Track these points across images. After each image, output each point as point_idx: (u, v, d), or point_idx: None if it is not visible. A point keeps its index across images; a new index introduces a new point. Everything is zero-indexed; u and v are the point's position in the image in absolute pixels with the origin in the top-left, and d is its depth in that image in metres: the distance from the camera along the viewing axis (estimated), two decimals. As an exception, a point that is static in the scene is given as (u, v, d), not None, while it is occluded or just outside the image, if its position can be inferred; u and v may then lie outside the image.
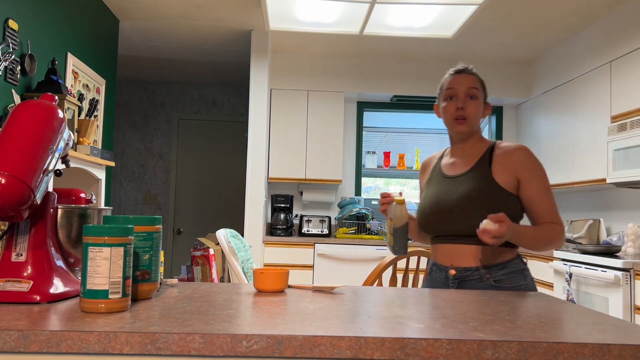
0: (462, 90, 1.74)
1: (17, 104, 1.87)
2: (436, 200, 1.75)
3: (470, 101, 1.74)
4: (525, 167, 1.69)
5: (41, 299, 1.09)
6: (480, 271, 1.66)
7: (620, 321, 1.10)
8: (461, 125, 1.74)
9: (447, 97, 1.77)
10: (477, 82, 1.77)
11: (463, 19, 4.01)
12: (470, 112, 1.73)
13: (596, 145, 3.96)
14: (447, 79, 1.80)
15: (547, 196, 1.69)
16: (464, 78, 1.76)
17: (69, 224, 1.20)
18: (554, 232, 1.66)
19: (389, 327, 0.97)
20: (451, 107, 1.75)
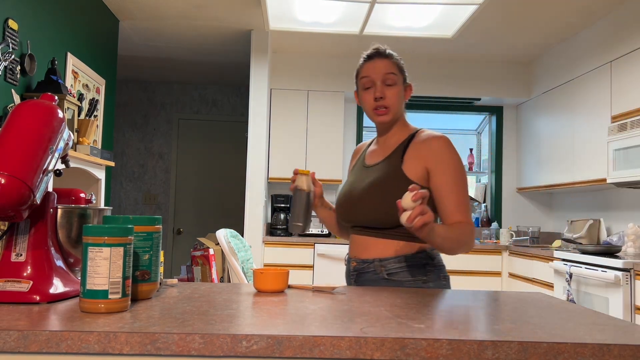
0: (378, 78, 1.63)
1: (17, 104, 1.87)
2: (349, 189, 1.68)
3: (388, 88, 1.64)
4: (436, 157, 1.57)
5: (41, 299, 1.09)
6: (374, 263, 1.60)
7: (620, 321, 1.10)
8: (382, 115, 1.64)
9: (364, 85, 1.66)
10: (393, 66, 1.66)
11: (463, 19, 4.01)
12: (390, 101, 1.63)
13: (596, 145, 3.96)
14: (361, 65, 1.69)
15: (456, 191, 1.55)
16: (379, 63, 1.65)
17: (69, 224, 1.20)
18: (464, 233, 1.52)
19: (389, 327, 0.97)
20: (369, 97, 1.64)
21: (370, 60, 1.67)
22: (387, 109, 1.63)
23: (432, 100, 5.31)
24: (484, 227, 5.35)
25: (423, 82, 5.17)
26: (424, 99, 5.30)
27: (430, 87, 5.17)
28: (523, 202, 5.42)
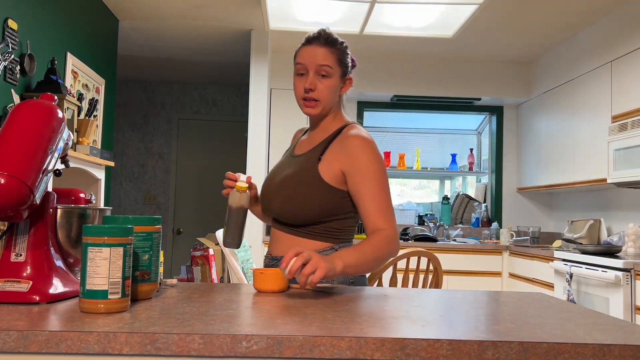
0: (311, 67, 1.52)
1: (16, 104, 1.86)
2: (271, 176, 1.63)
3: (321, 80, 1.52)
4: (352, 160, 1.48)
5: (40, 299, 1.09)
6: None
7: (620, 321, 1.10)
8: (310, 108, 1.54)
9: (297, 71, 1.55)
10: (331, 57, 1.53)
11: (463, 19, 4.01)
12: (320, 94, 1.52)
13: (597, 145, 3.96)
14: (299, 48, 1.57)
15: (374, 195, 1.46)
16: (316, 51, 1.52)
17: (69, 224, 1.20)
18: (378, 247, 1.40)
19: (389, 327, 0.97)
20: (300, 86, 1.54)
21: (308, 44, 1.55)
22: (316, 102, 1.53)
23: (432, 100, 5.30)
24: (484, 227, 5.35)
25: (423, 82, 5.17)
26: (424, 99, 5.29)
27: (430, 87, 5.17)
28: (523, 202, 5.41)
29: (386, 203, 1.48)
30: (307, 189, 1.51)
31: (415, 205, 5.63)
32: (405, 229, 5.07)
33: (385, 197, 1.48)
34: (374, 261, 1.41)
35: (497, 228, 5.21)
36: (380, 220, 1.46)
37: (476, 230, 5.34)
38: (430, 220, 5.22)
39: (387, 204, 1.47)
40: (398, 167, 5.42)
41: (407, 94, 5.16)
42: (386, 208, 1.47)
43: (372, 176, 1.48)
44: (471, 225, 5.40)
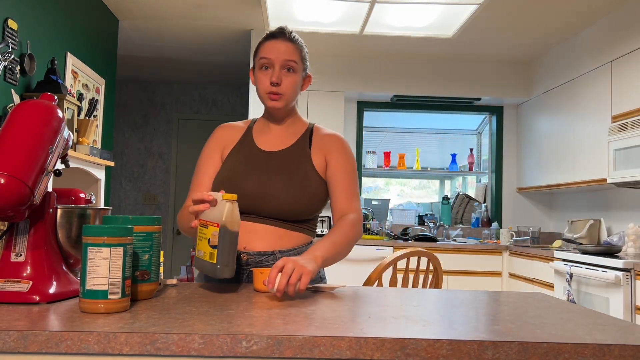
0: (278, 61, 1.55)
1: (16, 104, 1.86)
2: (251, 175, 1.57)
3: (287, 75, 1.56)
4: (336, 150, 1.62)
5: (40, 299, 1.09)
6: (276, 255, 1.53)
7: (620, 321, 1.10)
8: (275, 102, 1.57)
9: (262, 65, 1.57)
10: (296, 53, 1.57)
11: (463, 19, 4.01)
12: (285, 89, 1.56)
13: (597, 145, 3.96)
14: (263, 43, 1.59)
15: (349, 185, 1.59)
16: (282, 45, 1.55)
17: (69, 224, 1.20)
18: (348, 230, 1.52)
19: (389, 327, 0.97)
20: (265, 80, 1.56)
21: (273, 39, 1.57)
22: (281, 96, 1.56)
23: (432, 100, 5.30)
24: (484, 227, 5.35)
25: (423, 82, 5.17)
26: (424, 99, 5.29)
27: (430, 87, 5.16)
28: (523, 202, 5.41)
29: (357, 192, 1.64)
30: (310, 183, 1.57)
31: (415, 205, 5.63)
32: (405, 229, 5.07)
33: (357, 187, 1.65)
34: (346, 248, 1.52)
35: (497, 228, 5.21)
36: (351, 205, 1.60)
37: (476, 230, 5.34)
38: (430, 220, 5.22)
39: (357, 193, 1.64)
40: (398, 167, 5.42)
41: (407, 94, 5.16)
42: (358, 196, 1.64)
43: (350, 169, 1.62)
44: (471, 225, 5.40)
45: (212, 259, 1.25)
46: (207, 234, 1.27)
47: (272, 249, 1.55)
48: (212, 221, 1.26)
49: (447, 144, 5.86)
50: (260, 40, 1.62)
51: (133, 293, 1.16)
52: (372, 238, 4.73)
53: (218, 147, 1.67)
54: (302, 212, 1.56)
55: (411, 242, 4.69)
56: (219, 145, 1.67)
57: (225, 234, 1.25)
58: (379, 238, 4.75)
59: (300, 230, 1.59)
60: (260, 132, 1.67)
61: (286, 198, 1.53)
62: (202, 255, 1.28)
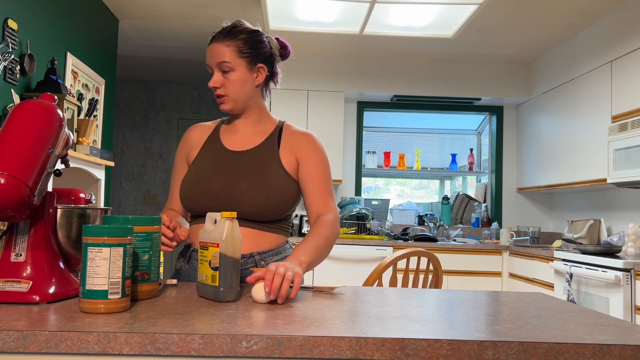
0: (214, 66, 1.55)
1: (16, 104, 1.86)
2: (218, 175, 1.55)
3: (225, 75, 1.54)
4: (307, 149, 1.59)
5: (40, 299, 1.09)
6: (255, 257, 1.53)
7: (620, 321, 1.10)
8: (223, 104, 1.57)
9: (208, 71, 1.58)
10: (228, 52, 1.53)
11: (463, 19, 4.01)
12: (227, 90, 1.55)
13: (597, 145, 3.96)
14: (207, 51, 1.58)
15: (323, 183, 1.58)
16: (215, 49, 1.54)
17: (69, 224, 1.20)
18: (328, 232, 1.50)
19: (389, 327, 0.97)
20: (211, 84, 1.56)
21: (210, 43, 1.57)
22: (225, 97, 1.56)
23: (432, 100, 5.30)
24: (484, 227, 5.35)
25: (423, 82, 5.17)
26: (424, 99, 5.29)
27: (430, 87, 5.17)
28: (523, 202, 5.41)
29: (332, 190, 1.63)
30: (279, 183, 1.54)
31: (415, 205, 5.63)
32: (405, 229, 5.07)
33: (331, 185, 1.62)
34: (327, 250, 1.51)
35: (497, 228, 5.21)
36: (328, 203, 1.58)
37: (476, 230, 5.34)
38: (430, 220, 5.22)
39: (332, 191, 1.63)
40: (398, 167, 5.42)
41: (407, 94, 5.16)
42: (332, 194, 1.62)
43: (322, 167, 1.60)
44: (471, 225, 5.40)
45: (214, 282, 1.19)
46: (208, 255, 1.22)
47: (250, 251, 1.54)
48: (212, 242, 1.22)
49: (447, 144, 5.86)
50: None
51: (133, 293, 1.16)
52: (372, 238, 4.73)
53: (183, 153, 1.67)
54: (270, 212, 1.53)
55: (411, 242, 4.69)
56: (184, 151, 1.67)
57: (227, 254, 1.20)
58: (379, 238, 4.75)
59: (273, 231, 1.57)
60: (228, 132, 1.65)
61: (253, 198, 1.51)
62: (204, 279, 1.22)
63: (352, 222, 4.94)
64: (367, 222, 4.98)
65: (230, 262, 1.20)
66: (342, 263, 4.58)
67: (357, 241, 4.60)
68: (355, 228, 4.92)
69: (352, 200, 5.06)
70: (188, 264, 1.59)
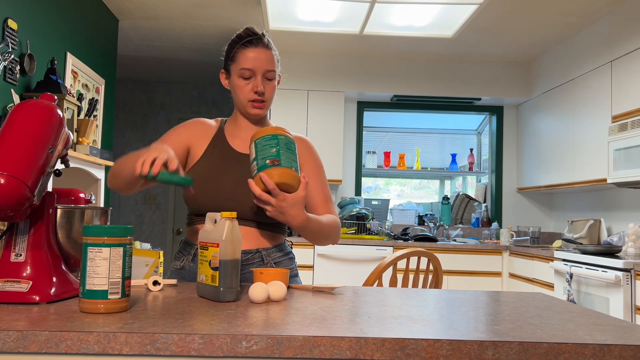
0: (259, 72, 1.57)
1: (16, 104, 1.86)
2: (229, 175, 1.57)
3: (268, 83, 1.59)
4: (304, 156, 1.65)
5: (40, 299, 1.09)
6: (261, 253, 1.57)
7: (621, 321, 1.10)
8: (259, 109, 1.60)
9: (242, 75, 1.57)
10: (274, 61, 1.59)
11: (463, 19, 4.01)
12: (268, 95, 1.60)
13: (597, 145, 3.96)
14: (242, 53, 1.57)
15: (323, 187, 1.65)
16: (263, 55, 1.57)
17: (69, 224, 1.20)
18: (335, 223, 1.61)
19: (389, 327, 0.97)
20: (248, 89, 1.58)
21: (252, 46, 1.57)
22: (265, 102, 1.60)
23: (432, 100, 5.30)
24: (484, 227, 5.35)
25: (423, 82, 5.17)
26: (424, 99, 5.29)
27: (430, 87, 5.17)
28: (523, 202, 5.41)
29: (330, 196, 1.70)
30: None
31: (415, 205, 5.63)
32: (405, 229, 5.07)
33: (329, 191, 1.70)
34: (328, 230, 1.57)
35: (497, 228, 5.21)
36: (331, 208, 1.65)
37: (476, 230, 5.34)
38: (430, 220, 5.22)
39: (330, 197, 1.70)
40: (398, 167, 5.42)
41: (407, 94, 5.16)
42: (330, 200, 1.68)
43: (320, 172, 1.68)
44: (471, 225, 5.40)
45: (214, 282, 1.19)
46: (208, 255, 1.22)
47: (256, 247, 1.58)
48: (212, 242, 1.22)
49: (447, 144, 5.86)
50: (236, 44, 1.59)
51: (268, 180, 1.34)
52: (372, 238, 4.73)
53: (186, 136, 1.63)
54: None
55: (411, 242, 4.69)
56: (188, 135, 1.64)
57: (227, 254, 1.19)
58: (379, 238, 4.75)
59: (275, 230, 1.62)
60: (232, 133, 1.67)
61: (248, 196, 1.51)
62: (204, 279, 1.22)
63: (352, 222, 4.94)
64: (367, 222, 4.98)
65: (230, 262, 1.20)
66: (342, 263, 4.58)
67: (357, 241, 4.59)
68: (355, 228, 4.92)
69: (352, 200, 5.06)
70: (193, 261, 1.60)
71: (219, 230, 1.21)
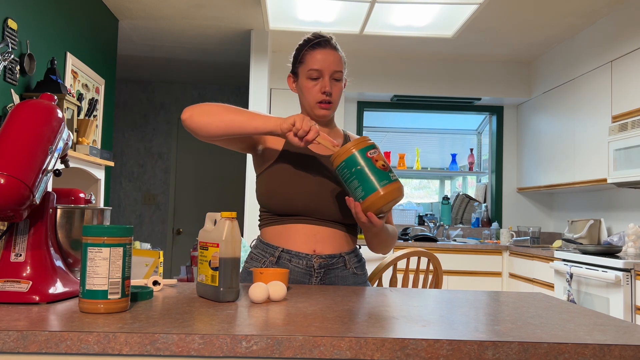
0: (327, 73, 1.58)
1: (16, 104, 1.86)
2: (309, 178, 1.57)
3: (335, 84, 1.61)
4: None
5: (40, 299, 1.09)
6: (344, 258, 1.60)
7: (621, 321, 1.10)
8: (326, 110, 1.61)
9: (310, 75, 1.60)
10: (341, 62, 1.61)
11: (463, 19, 4.01)
12: (335, 96, 1.61)
13: (597, 145, 3.96)
14: (311, 54, 1.59)
15: None
16: (331, 56, 1.59)
17: (69, 224, 1.20)
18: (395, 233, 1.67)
19: (389, 327, 0.97)
20: (315, 89, 1.59)
21: (320, 48, 1.59)
22: (332, 104, 1.61)
23: (432, 100, 5.30)
24: (484, 227, 5.35)
25: (423, 82, 5.17)
26: (424, 99, 5.29)
27: (430, 87, 5.16)
28: (523, 202, 5.41)
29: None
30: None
31: (415, 205, 5.63)
32: (405, 229, 5.06)
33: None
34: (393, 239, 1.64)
35: (497, 228, 5.21)
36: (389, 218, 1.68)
37: (476, 230, 5.34)
38: (430, 220, 5.22)
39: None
40: (398, 167, 5.42)
41: (407, 94, 5.16)
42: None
43: None
44: (471, 225, 5.40)
45: (214, 282, 1.19)
46: (208, 255, 1.23)
47: (339, 252, 1.60)
48: (212, 242, 1.22)
49: (447, 144, 5.86)
50: (304, 47, 1.62)
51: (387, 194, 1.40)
52: (372, 238, 4.72)
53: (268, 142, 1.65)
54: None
55: (411, 242, 4.69)
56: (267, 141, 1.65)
57: (227, 254, 1.20)
58: (379, 238, 4.74)
59: (352, 233, 1.65)
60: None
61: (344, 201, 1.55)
62: (204, 279, 1.22)
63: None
64: (367, 222, 4.97)
65: (230, 262, 1.20)
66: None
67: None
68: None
69: (352, 200, 5.05)
70: (277, 263, 1.57)
71: (219, 230, 1.21)
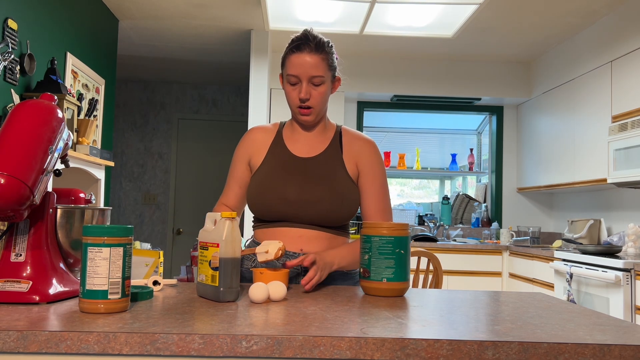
0: (304, 78, 1.53)
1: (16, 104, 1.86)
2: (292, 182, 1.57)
3: (314, 88, 1.55)
4: (368, 160, 1.63)
5: (40, 299, 1.09)
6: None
7: (621, 321, 1.10)
8: (306, 116, 1.57)
9: (289, 81, 1.56)
10: (321, 65, 1.54)
11: (463, 19, 4.01)
12: (315, 101, 1.55)
13: (597, 145, 3.96)
14: (289, 59, 1.55)
15: (382, 197, 1.63)
16: (307, 60, 1.52)
17: (69, 224, 1.20)
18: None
19: (389, 327, 0.97)
20: (295, 95, 1.56)
21: (298, 52, 1.53)
22: (311, 109, 1.57)
23: (432, 100, 5.30)
24: (484, 227, 5.35)
25: (423, 82, 5.17)
26: (424, 99, 5.29)
27: (430, 87, 5.16)
28: (523, 202, 5.41)
29: (389, 204, 1.66)
30: (348, 190, 1.59)
31: (415, 205, 5.63)
32: (405, 229, 5.06)
33: (389, 199, 1.66)
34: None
35: (497, 228, 5.21)
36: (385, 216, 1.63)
37: (476, 230, 5.34)
38: (430, 220, 5.22)
39: (390, 206, 1.66)
40: (398, 167, 5.42)
41: (407, 94, 5.16)
42: (389, 209, 1.65)
43: (383, 179, 1.65)
44: (471, 225, 5.40)
45: (214, 282, 1.19)
46: (208, 255, 1.23)
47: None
48: (212, 242, 1.22)
49: (447, 144, 5.86)
50: (286, 49, 1.58)
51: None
52: (372, 238, 4.72)
53: (246, 154, 1.66)
54: (344, 217, 1.60)
55: (411, 242, 4.69)
56: (247, 153, 1.66)
57: (227, 254, 1.20)
58: (379, 238, 4.73)
59: (340, 234, 1.64)
60: (291, 137, 1.66)
61: (329, 205, 1.55)
62: (204, 279, 1.23)
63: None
64: (367, 222, 4.97)
65: (230, 262, 1.20)
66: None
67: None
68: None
69: (352, 200, 5.05)
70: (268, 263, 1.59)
71: (219, 230, 1.21)
